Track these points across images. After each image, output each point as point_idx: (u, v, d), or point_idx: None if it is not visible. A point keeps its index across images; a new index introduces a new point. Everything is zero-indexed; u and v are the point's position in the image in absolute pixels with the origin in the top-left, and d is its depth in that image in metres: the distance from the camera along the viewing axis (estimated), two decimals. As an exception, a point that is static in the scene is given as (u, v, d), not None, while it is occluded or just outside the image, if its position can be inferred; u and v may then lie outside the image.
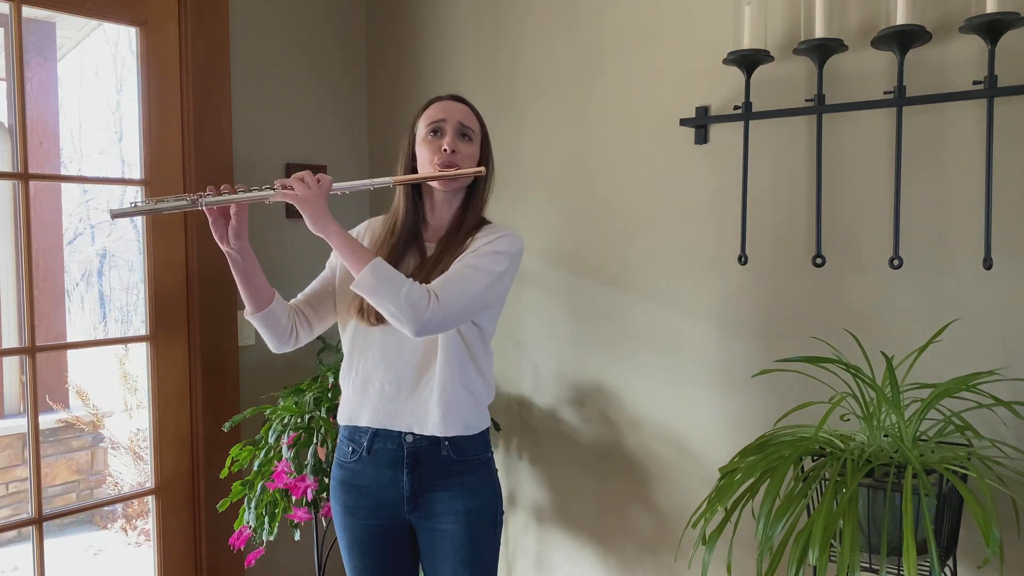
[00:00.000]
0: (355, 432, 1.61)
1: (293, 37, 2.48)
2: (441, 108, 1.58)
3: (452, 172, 1.52)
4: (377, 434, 1.58)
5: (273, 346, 1.62)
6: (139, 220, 2.19)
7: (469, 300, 1.45)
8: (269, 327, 1.58)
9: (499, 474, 2.27)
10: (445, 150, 1.53)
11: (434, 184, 1.56)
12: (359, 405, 1.59)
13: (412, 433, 1.56)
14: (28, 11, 1.94)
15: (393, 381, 1.56)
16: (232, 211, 1.47)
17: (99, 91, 3.85)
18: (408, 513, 1.58)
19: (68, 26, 3.77)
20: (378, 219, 1.68)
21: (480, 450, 1.61)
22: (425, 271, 1.53)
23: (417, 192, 1.61)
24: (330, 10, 2.58)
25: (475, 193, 1.60)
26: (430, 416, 1.54)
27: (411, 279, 1.43)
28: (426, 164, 1.56)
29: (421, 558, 1.63)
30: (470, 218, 1.59)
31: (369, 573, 1.63)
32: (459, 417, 1.55)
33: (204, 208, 1.44)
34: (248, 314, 1.57)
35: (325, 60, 2.57)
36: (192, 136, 2.19)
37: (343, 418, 1.63)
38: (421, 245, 1.60)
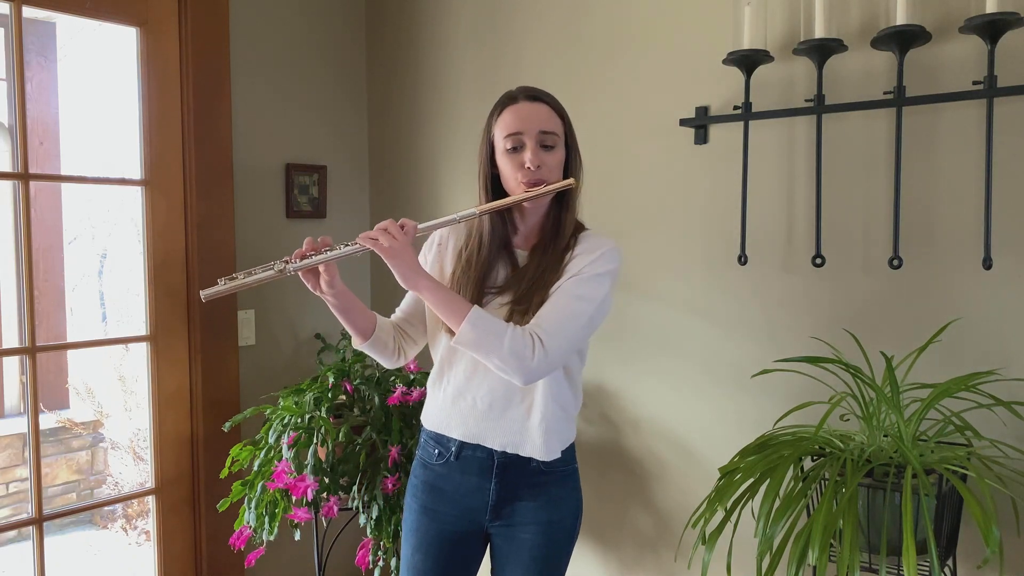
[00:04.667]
0: (443, 438, 1.56)
1: (293, 37, 2.48)
2: (517, 116, 1.44)
3: (539, 191, 1.42)
4: (466, 443, 1.53)
5: (386, 364, 1.64)
6: (139, 220, 2.19)
7: (575, 336, 1.40)
8: (377, 351, 1.60)
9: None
10: (528, 168, 1.43)
11: None
12: (449, 416, 1.54)
13: (505, 452, 1.51)
14: (28, 11, 1.94)
15: (485, 398, 1.49)
16: (321, 268, 1.45)
17: (99, 91, 3.85)
18: (489, 521, 1.54)
19: (68, 26, 3.76)
20: (460, 224, 1.53)
21: (567, 461, 1.56)
22: (522, 286, 1.46)
23: None
24: (330, 11, 2.58)
25: (566, 199, 1.49)
26: (529, 438, 1.48)
27: (512, 326, 1.37)
28: (510, 180, 1.46)
29: (492, 562, 1.59)
30: (566, 228, 1.48)
31: (430, 574, 1.57)
32: (556, 438, 1.50)
33: (294, 272, 1.42)
34: (356, 345, 1.59)
35: (325, 60, 2.57)
36: (192, 136, 2.19)
37: (430, 423, 1.58)
38: (511, 253, 1.52)
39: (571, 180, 1.45)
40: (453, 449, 1.54)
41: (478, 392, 1.50)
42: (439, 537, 1.56)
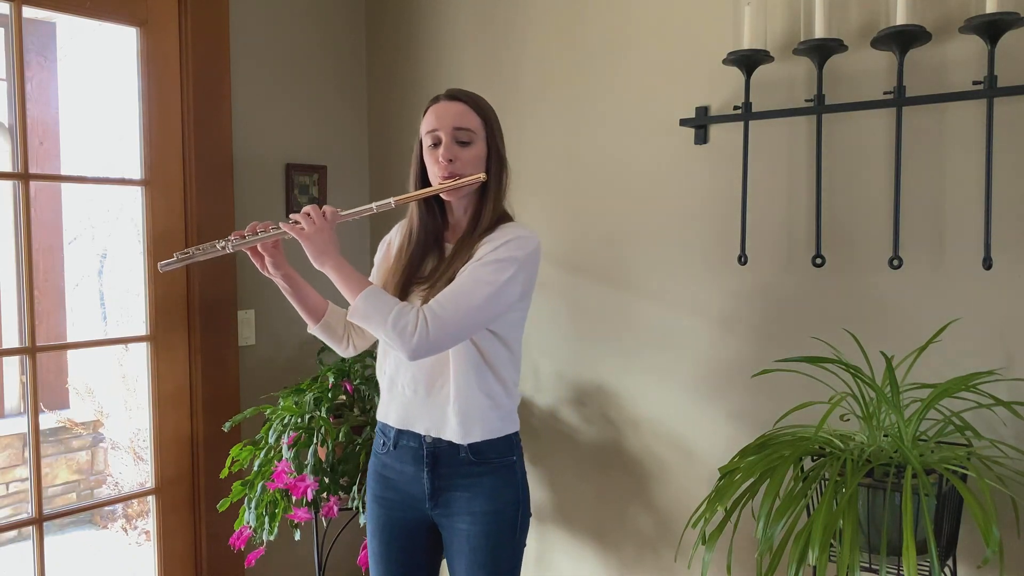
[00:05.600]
0: (386, 427, 1.65)
1: (293, 37, 2.48)
2: (435, 114, 1.55)
3: (448, 185, 1.51)
4: (401, 432, 1.61)
5: (338, 352, 1.74)
6: (139, 220, 2.19)
7: (464, 317, 1.43)
8: (327, 336, 1.70)
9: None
10: (441, 161, 1.52)
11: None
12: (387, 404, 1.64)
13: (432, 438, 1.57)
14: (28, 11, 1.94)
15: (411, 384, 1.58)
16: (260, 248, 1.55)
17: (99, 91, 3.85)
18: (430, 509, 1.60)
19: (68, 26, 3.76)
20: (405, 221, 1.67)
21: (502, 453, 1.58)
22: (438, 275, 1.53)
23: (431, 196, 1.59)
24: (330, 10, 2.58)
25: (486, 194, 1.56)
26: (448, 422, 1.54)
27: (403, 303, 1.44)
28: (433, 176, 1.55)
29: (444, 553, 1.65)
30: (483, 220, 1.55)
31: (388, 562, 1.66)
32: (478, 424, 1.54)
33: (234, 251, 1.51)
34: (308, 329, 1.69)
35: (325, 60, 2.57)
36: (192, 136, 2.19)
37: (378, 413, 1.68)
38: (441, 246, 1.60)
39: (481, 175, 1.52)
40: (392, 437, 1.62)
41: (404, 378, 1.59)
42: (389, 524, 1.65)
